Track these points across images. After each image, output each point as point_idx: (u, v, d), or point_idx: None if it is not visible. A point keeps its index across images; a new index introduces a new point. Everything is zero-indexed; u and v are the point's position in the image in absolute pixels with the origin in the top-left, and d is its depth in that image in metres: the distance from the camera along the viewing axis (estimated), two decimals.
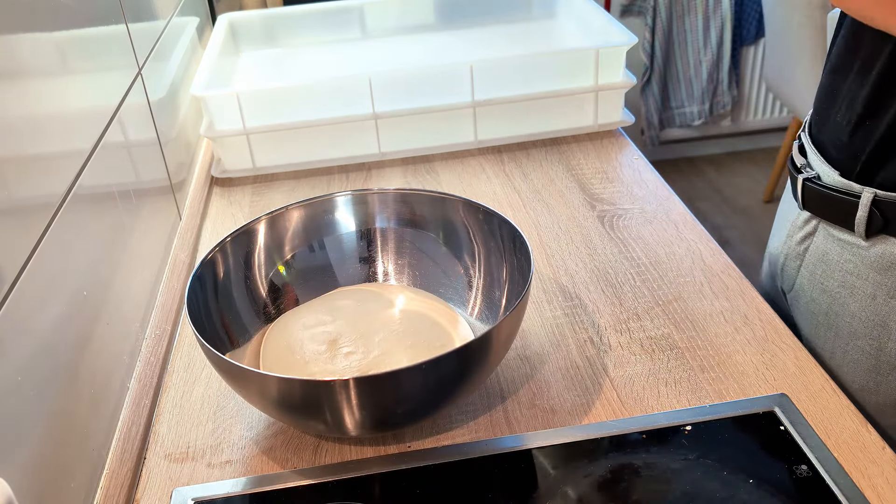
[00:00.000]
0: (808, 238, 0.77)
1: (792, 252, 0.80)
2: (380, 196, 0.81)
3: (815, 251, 0.77)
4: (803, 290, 0.79)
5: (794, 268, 0.80)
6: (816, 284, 0.77)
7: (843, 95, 0.71)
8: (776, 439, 0.63)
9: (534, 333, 0.78)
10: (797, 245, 0.79)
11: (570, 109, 1.13)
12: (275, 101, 1.08)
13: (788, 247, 0.81)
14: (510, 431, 0.67)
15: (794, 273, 0.80)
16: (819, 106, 0.75)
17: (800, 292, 0.80)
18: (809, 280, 0.78)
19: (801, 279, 0.79)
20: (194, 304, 0.67)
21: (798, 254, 0.79)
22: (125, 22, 0.87)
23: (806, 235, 0.78)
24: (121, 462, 0.65)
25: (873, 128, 0.68)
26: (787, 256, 0.81)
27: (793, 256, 0.80)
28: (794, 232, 0.79)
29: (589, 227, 0.94)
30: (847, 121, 0.70)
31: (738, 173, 2.81)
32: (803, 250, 0.78)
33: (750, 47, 2.68)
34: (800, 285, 0.80)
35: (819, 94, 0.76)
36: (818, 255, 0.76)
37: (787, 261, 0.81)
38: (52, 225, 0.60)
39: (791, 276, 0.81)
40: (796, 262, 0.80)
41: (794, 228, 0.80)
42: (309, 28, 1.37)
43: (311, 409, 0.62)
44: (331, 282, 0.81)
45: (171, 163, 0.99)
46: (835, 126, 0.72)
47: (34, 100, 0.62)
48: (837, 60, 0.72)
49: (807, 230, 0.77)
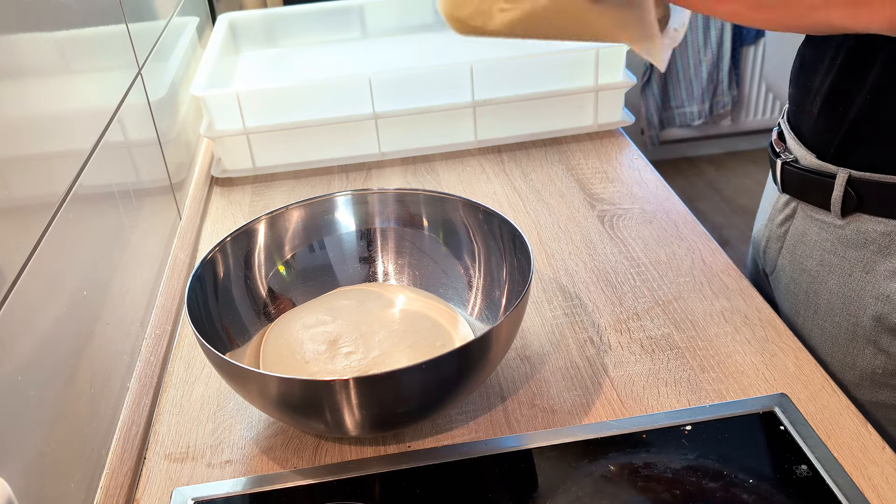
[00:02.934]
0: (788, 220, 0.79)
1: (773, 234, 0.82)
2: (380, 196, 0.82)
3: (794, 232, 0.79)
4: (784, 270, 0.81)
5: (776, 249, 0.82)
6: (797, 264, 0.79)
7: (815, 85, 0.73)
8: (776, 439, 0.63)
9: (534, 333, 0.78)
10: (778, 227, 0.81)
11: (570, 109, 1.13)
12: (275, 101, 1.08)
13: (770, 229, 0.83)
14: (510, 431, 0.67)
15: (776, 255, 0.82)
16: (794, 95, 0.78)
17: (781, 273, 0.82)
18: (790, 261, 0.80)
19: (782, 260, 0.81)
20: (194, 304, 0.67)
21: (779, 236, 0.81)
22: (125, 22, 0.87)
23: (786, 218, 0.80)
24: (121, 462, 0.65)
25: (844, 113, 0.70)
26: (768, 239, 0.84)
27: (774, 239, 0.82)
28: (775, 215, 0.82)
29: (589, 226, 0.94)
30: (819, 108, 0.73)
31: (738, 173, 2.81)
32: (784, 232, 0.80)
33: (750, 47, 2.68)
34: (781, 266, 0.82)
35: (793, 84, 0.78)
36: (798, 236, 0.78)
37: (768, 243, 0.84)
38: (52, 225, 0.60)
39: (773, 257, 0.83)
40: (777, 244, 0.82)
41: (774, 211, 0.82)
42: (309, 28, 1.37)
43: (311, 409, 0.62)
44: (331, 282, 0.81)
45: (171, 163, 0.99)
46: (809, 113, 0.75)
47: (34, 100, 0.62)
48: (808, 52, 0.75)
49: (786, 213, 0.80)
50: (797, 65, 0.78)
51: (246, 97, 1.06)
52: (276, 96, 1.08)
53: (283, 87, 1.09)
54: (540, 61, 1.11)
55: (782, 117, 0.82)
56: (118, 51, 0.85)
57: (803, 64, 0.76)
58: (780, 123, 0.82)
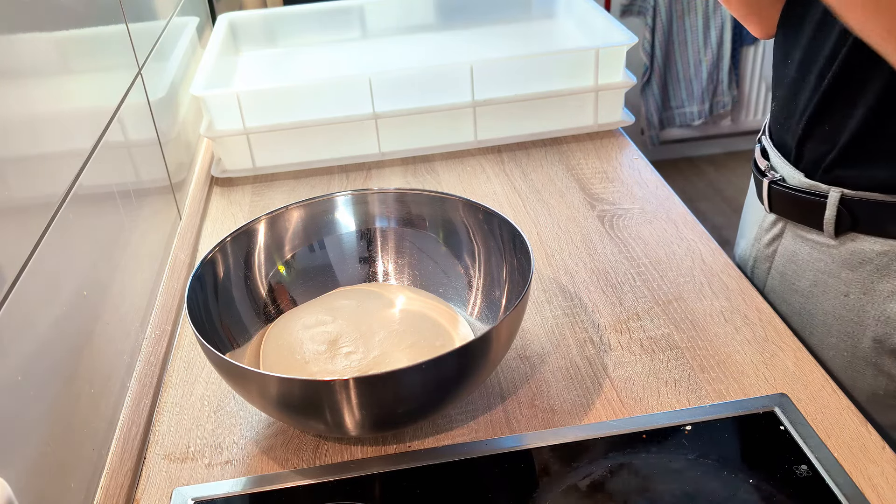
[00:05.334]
0: (777, 240, 0.78)
1: (761, 255, 0.81)
2: (380, 196, 0.82)
3: (783, 252, 0.77)
4: (774, 291, 0.80)
5: (764, 270, 0.81)
6: (788, 285, 0.78)
7: (800, 104, 0.71)
8: (776, 439, 0.63)
9: (534, 333, 0.78)
10: (765, 248, 0.80)
11: (570, 109, 1.13)
12: (275, 101, 1.08)
13: (757, 249, 0.81)
14: (510, 431, 0.67)
15: (765, 275, 0.81)
16: (779, 114, 0.76)
17: (771, 294, 0.81)
18: (780, 281, 0.79)
19: (771, 281, 0.80)
20: (194, 304, 0.67)
21: (767, 256, 0.80)
22: (125, 22, 0.87)
23: (774, 238, 0.78)
24: (121, 462, 0.65)
25: (834, 133, 0.68)
26: (756, 259, 0.82)
27: (762, 259, 0.81)
28: (762, 235, 0.80)
29: (589, 226, 0.94)
30: (805, 126, 0.71)
31: (738, 173, 2.81)
32: (772, 252, 0.79)
33: (750, 47, 2.68)
34: (771, 287, 0.80)
35: (779, 103, 0.76)
36: (787, 256, 0.77)
37: (756, 263, 0.82)
38: (52, 225, 0.60)
39: (761, 278, 0.82)
40: (765, 264, 0.80)
41: (761, 231, 0.80)
42: (309, 28, 1.37)
43: (312, 409, 0.62)
44: (331, 282, 0.81)
45: (171, 163, 0.99)
46: (794, 131, 0.73)
47: (34, 100, 0.62)
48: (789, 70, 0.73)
49: (774, 232, 0.78)
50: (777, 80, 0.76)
51: (246, 97, 1.06)
52: (276, 96, 1.08)
53: (283, 87, 1.09)
54: (540, 61, 1.11)
55: (763, 133, 0.80)
56: (118, 51, 0.85)
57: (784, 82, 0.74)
58: (761, 140, 0.80)
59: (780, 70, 0.76)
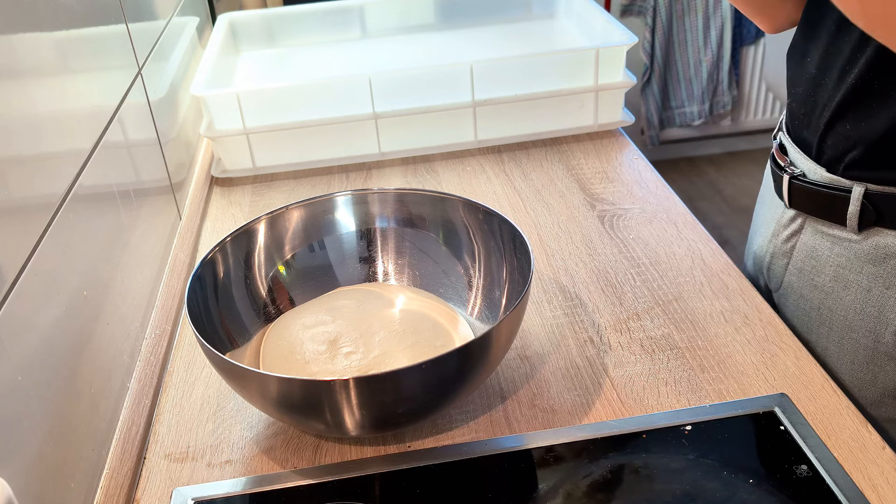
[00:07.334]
0: (795, 235, 0.78)
1: (778, 251, 0.80)
2: (380, 196, 0.81)
3: (802, 248, 0.77)
4: (792, 287, 0.79)
5: (782, 266, 0.80)
6: (806, 281, 0.77)
7: (822, 99, 0.71)
8: (776, 439, 0.63)
9: (534, 333, 0.78)
10: (783, 243, 0.79)
11: (570, 109, 1.13)
12: (275, 101, 1.08)
13: (774, 245, 0.81)
14: (510, 431, 0.67)
15: (782, 271, 0.80)
16: (797, 111, 0.76)
17: (788, 290, 0.80)
18: (798, 277, 0.78)
19: (789, 277, 0.79)
20: (194, 304, 0.67)
21: (785, 252, 0.79)
22: (125, 22, 0.87)
23: (792, 233, 0.78)
24: (121, 462, 0.65)
25: (858, 129, 0.68)
26: (773, 255, 0.81)
27: (779, 255, 0.80)
28: (780, 231, 0.80)
29: (589, 226, 0.94)
30: (828, 122, 0.70)
31: (738, 173, 2.81)
32: (790, 248, 0.78)
33: (750, 47, 2.68)
34: (788, 283, 0.80)
35: (796, 100, 0.76)
36: (806, 252, 0.76)
37: (773, 260, 0.82)
38: (52, 225, 0.60)
39: (778, 274, 0.81)
40: (783, 260, 0.80)
41: (779, 227, 0.80)
42: (309, 28, 1.37)
43: (311, 409, 0.62)
44: (331, 282, 0.81)
45: (171, 163, 0.99)
46: (815, 127, 0.72)
47: (34, 100, 0.62)
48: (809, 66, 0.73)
49: (793, 228, 0.78)
50: (795, 77, 0.75)
51: (246, 97, 1.06)
52: (276, 96, 1.08)
53: (283, 87, 1.09)
54: (540, 61, 1.11)
55: (781, 129, 0.80)
56: (118, 51, 0.85)
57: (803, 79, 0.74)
58: (779, 136, 0.80)
59: (798, 67, 0.75)
